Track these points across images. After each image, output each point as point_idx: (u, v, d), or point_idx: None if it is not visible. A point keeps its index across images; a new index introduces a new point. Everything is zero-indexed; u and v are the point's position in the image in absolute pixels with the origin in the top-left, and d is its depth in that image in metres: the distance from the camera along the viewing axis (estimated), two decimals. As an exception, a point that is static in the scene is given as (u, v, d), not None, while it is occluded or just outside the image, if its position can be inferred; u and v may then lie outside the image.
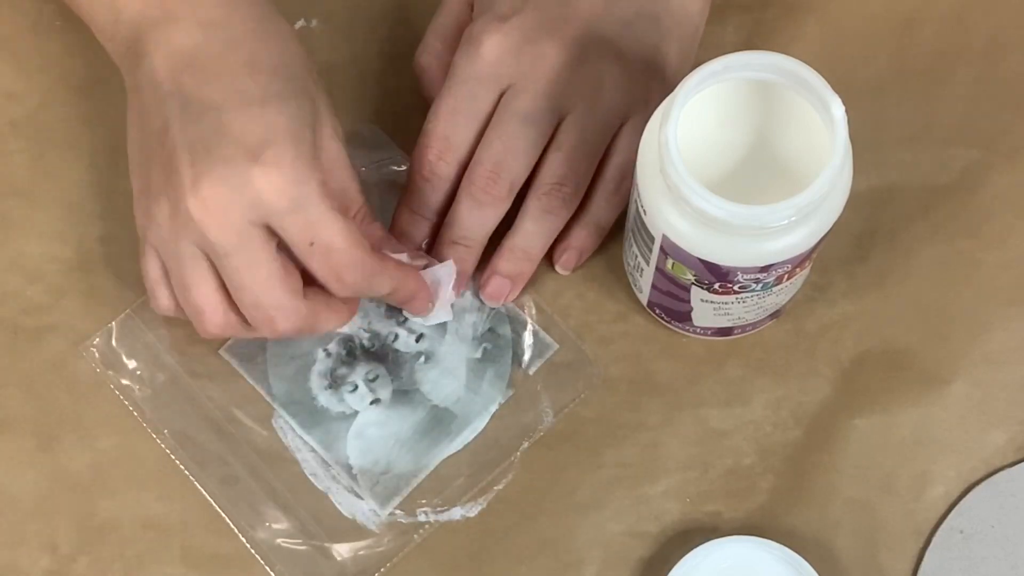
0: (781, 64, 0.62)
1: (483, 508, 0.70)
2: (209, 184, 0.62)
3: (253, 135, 0.63)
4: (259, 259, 0.63)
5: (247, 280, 0.64)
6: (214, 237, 0.63)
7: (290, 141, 0.63)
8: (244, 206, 0.62)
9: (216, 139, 0.63)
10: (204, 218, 0.62)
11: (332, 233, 0.63)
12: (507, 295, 0.73)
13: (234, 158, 0.62)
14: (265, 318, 0.65)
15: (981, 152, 0.76)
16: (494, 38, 0.69)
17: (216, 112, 0.63)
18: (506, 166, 0.69)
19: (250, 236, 0.63)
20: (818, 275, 0.73)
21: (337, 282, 0.65)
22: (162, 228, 0.64)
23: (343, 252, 0.64)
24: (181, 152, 0.63)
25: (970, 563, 0.69)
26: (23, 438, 0.71)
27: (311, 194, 0.63)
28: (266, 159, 0.62)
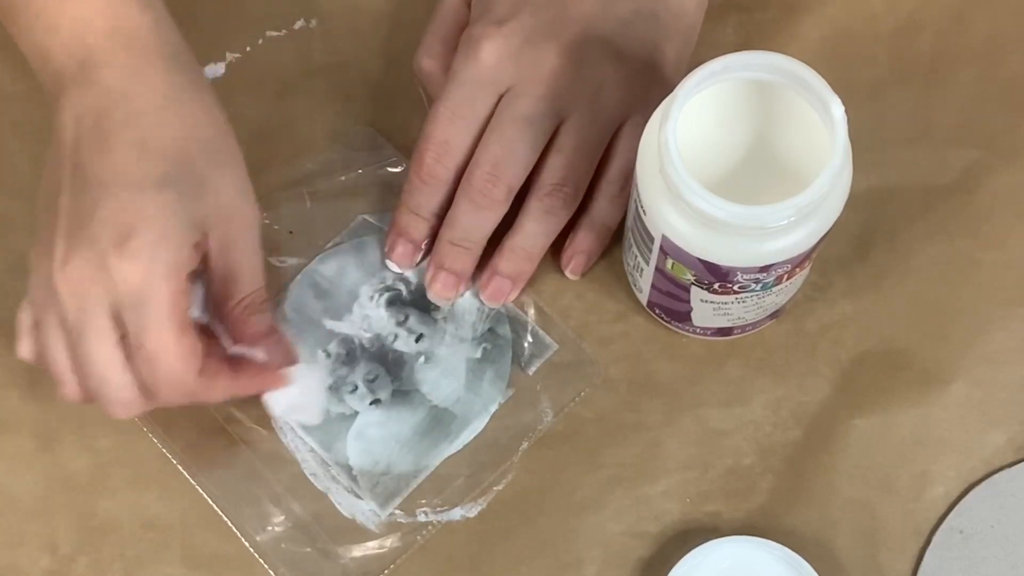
0: (781, 64, 0.62)
1: (483, 508, 0.70)
2: (74, 264, 0.62)
3: (122, 221, 0.62)
4: (101, 349, 0.63)
5: (88, 367, 0.63)
6: (69, 316, 0.63)
7: (154, 235, 0.62)
8: (98, 294, 0.62)
9: (90, 218, 0.62)
10: (64, 295, 0.62)
11: (158, 346, 0.62)
12: (508, 295, 0.73)
13: (99, 242, 0.62)
14: (105, 406, 0.65)
15: (981, 152, 0.76)
16: (493, 42, 0.69)
17: (98, 189, 0.62)
18: (504, 169, 0.69)
19: (97, 324, 0.62)
20: (818, 275, 0.73)
21: (151, 392, 0.64)
22: (37, 288, 0.64)
23: (164, 369, 0.63)
24: (63, 221, 0.63)
25: (970, 563, 0.69)
26: (23, 438, 0.71)
27: (155, 299, 0.62)
28: (125, 249, 0.61)
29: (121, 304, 0.62)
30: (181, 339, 0.63)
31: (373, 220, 0.74)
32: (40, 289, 0.64)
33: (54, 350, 0.64)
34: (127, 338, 0.63)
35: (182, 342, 0.63)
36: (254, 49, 0.78)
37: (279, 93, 0.77)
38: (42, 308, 0.64)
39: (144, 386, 0.64)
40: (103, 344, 0.63)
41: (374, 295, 0.73)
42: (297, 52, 0.78)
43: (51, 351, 0.64)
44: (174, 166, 0.63)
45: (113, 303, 0.62)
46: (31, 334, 0.66)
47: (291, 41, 0.78)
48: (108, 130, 0.63)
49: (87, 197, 0.62)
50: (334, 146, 0.76)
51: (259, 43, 0.78)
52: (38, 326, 0.65)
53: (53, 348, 0.64)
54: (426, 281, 0.73)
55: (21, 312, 0.66)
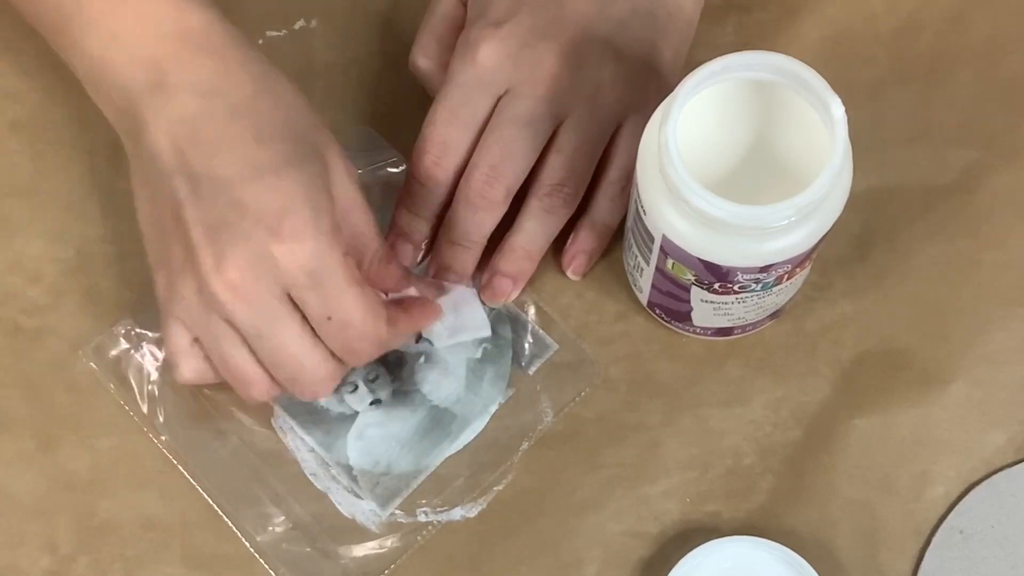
0: (781, 64, 0.62)
1: (483, 508, 0.70)
2: (232, 265, 0.61)
3: (270, 208, 0.61)
4: (289, 336, 0.63)
5: (280, 358, 0.64)
6: (243, 317, 0.62)
7: (308, 210, 0.62)
8: (269, 284, 0.62)
9: (233, 216, 0.61)
10: (231, 299, 0.62)
11: (349, 308, 0.63)
12: (508, 294, 0.73)
13: (254, 234, 0.61)
14: (304, 390, 0.65)
15: (981, 152, 0.76)
16: (490, 44, 0.69)
17: (228, 187, 0.62)
18: (503, 170, 0.69)
19: (277, 314, 0.62)
20: (818, 275, 0.73)
21: (350, 355, 0.65)
22: (190, 305, 0.63)
23: (358, 327, 0.63)
24: (199, 231, 0.62)
25: (970, 563, 0.69)
26: (23, 438, 0.71)
27: (330, 269, 0.62)
28: (285, 233, 0.61)
29: (296, 286, 0.62)
30: (366, 296, 0.63)
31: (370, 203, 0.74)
32: (190, 306, 0.63)
33: (233, 355, 0.64)
34: (307, 318, 0.63)
35: (368, 299, 0.63)
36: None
37: (279, 93, 0.77)
38: (202, 323, 0.63)
39: (338, 354, 0.64)
40: (290, 329, 0.63)
41: (374, 295, 0.73)
42: (297, 52, 0.78)
43: (230, 357, 0.64)
44: (294, 144, 0.63)
45: (285, 287, 0.62)
46: (192, 351, 0.65)
47: (291, 41, 0.78)
48: (213, 130, 0.63)
49: (219, 199, 0.62)
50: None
51: (259, 43, 0.78)
52: (204, 342, 0.64)
53: (231, 353, 0.64)
54: (426, 281, 0.73)
55: (172, 333, 0.65)
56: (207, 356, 0.65)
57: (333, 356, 0.65)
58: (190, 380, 0.66)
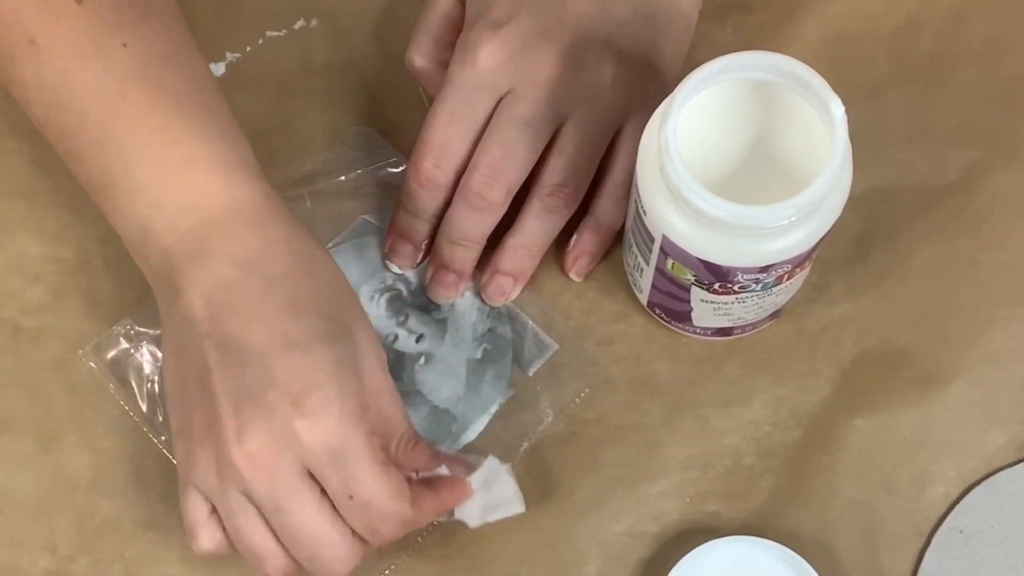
0: (781, 64, 0.62)
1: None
2: (254, 436, 0.61)
3: (297, 382, 0.61)
4: (308, 513, 0.62)
5: (298, 535, 0.62)
6: (261, 491, 0.61)
7: (335, 388, 0.61)
8: (289, 459, 0.61)
9: (259, 387, 0.61)
10: (250, 471, 0.61)
11: (371, 489, 0.62)
12: (509, 293, 0.73)
13: (278, 408, 0.60)
14: (322, 569, 0.63)
15: (981, 152, 0.76)
16: (490, 45, 0.69)
17: (258, 358, 0.61)
18: (503, 171, 0.69)
19: (295, 490, 0.61)
20: (818, 275, 0.73)
21: (374, 535, 0.63)
22: (209, 475, 0.62)
23: (381, 508, 0.62)
24: (223, 400, 0.61)
25: (970, 563, 0.69)
26: (23, 439, 0.71)
27: (354, 448, 0.61)
28: (310, 409, 0.60)
29: (317, 464, 0.61)
30: (389, 476, 0.62)
31: (373, 220, 0.74)
32: (209, 476, 0.62)
33: (250, 529, 0.62)
34: (327, 494, 0.62)
35: (391, 479, 0.62)
36: (254, 49, 0.78)
37: (279, 93, 0.77)
38: (219, 493, 0.62)
39: (360, 533, 0.63)
40: (309, 507, 0.62)
41: (374, 295, 0.73)
42: (297, 52, 0.78)
43: (247, 532, 0.62)
44: (327, 321, 0.62)
45: (306, 463, 0.61)
46: (210, 522, 0.63)
47: (291, 41, 0.78)
48: (250, 300, 0.62)
49: (247, 370, 0.61)
50: (334, 146, 0.76)
51: (259, 43, 0.78)
52: (221, 513, 0.63)
53: (248, 528, 0.62)
54: (426, 280, 0.73)
55: (190, 503, 0.63)
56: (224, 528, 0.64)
57: (354, 534, 0.63)
58: (208, 551, 0.64)
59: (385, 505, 0.62)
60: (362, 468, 0.62)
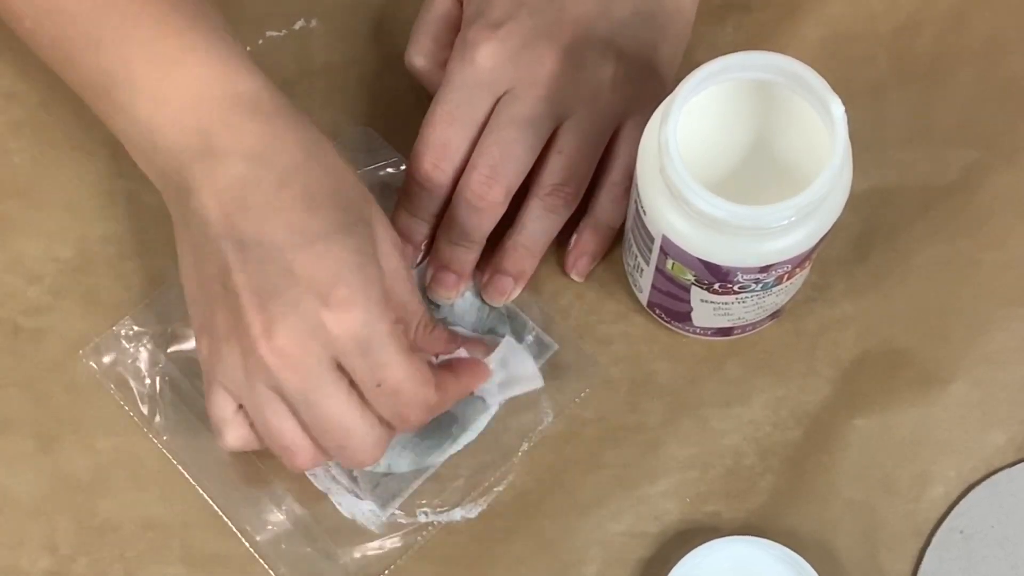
0: (781, 64, 0.62)
1: (483, 509, 0.70)
2: (282, 331, 0.61)
3: (321, 275, 0.61)
4: (337, 403, 0.62)
5: (327, 426, 0.63)
6: (291, 385, 0.61)
7: (359, 277, 0.61)
8: (317, 351, 0.61)
9: (283, 282, 0.61)
10: (279, 366, 0.61)
11: (399, 376, 0.62)
12: (510, 293, 0.73)
13: (304, 301, 0.61)
14: (352, 458, 0.64)
15: (981, 152, 0.76)
16: (489, 45, 0.69)
17: (279, 253, 0.61)
18: (502, 171, 0.69)
19: (325, 382, 0.62)
20: (818, 275, 0.73)
21: (402, 422, 0.64)
22: (236, 371, 0.62)
23: (408, 394, 0.63)
24: (247, 296, 0.61)
25: (970, 563, 0.69)
26: (23, 439, 0.71)
27: (381, 335, 0.62)
28: (336, 300, 0.61)
29: (346, 354, 0.61)
30: (415, 363, 0.63)
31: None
32: (236, 372, 0.62)
33: (279, 423, 0.63)
34: (355, 384, 0.62)
35: (417, 365, 0.63)
36: (254, 49, 0.78)
37: (279, 93, 0.77)
38: (248, 390, 0.62)
39: (387, 420, 0.64)
40: (338, 397, 0.62)
41: (374, 295, 0.73)
42: (297, 52, 0.78)
43: (275, 426, 0.63)
44: (344, 212, 0.62)
45: (334, 356, 0.61)
46: (237, 418, 0.64)
47: (291, 41, 0.78)
48: (263, 195, 0.62)
49: (269, 266, 0.61)
50: (334, 146, 0.76)
51: (259, 43, 0.78)
52: (249, 409, 0.63)
53: (278, 422, 0.63)
54: (426, 281, 0.73)
55: (216, 400, 0.64)
56: (252, 423, 0.64)
57: (381, 422, 0.64)
58: (235, 448, 0.65)
59: (412, 390, 0.63)
60: (389, 355, 0.62)
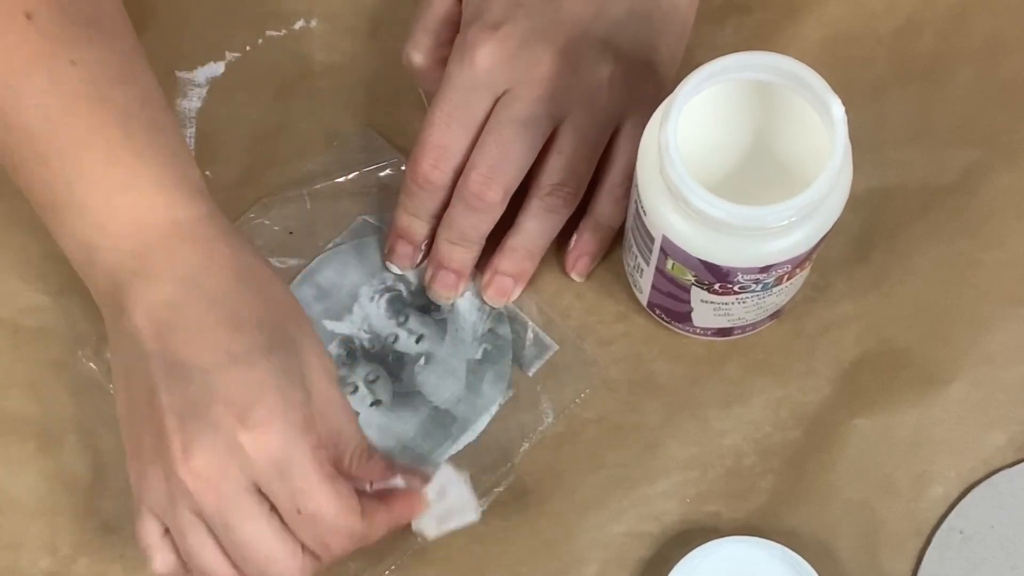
0: (781, 65, 0.62)
1: (483, 509, 0.70)
2: (199, 452, 0.60)
3: (241, 396, 0.61)
4: (256, 528, 0.61)
5: (247, 552, 0.62)
6: (209, 507, 0.61)
7: (279, 400, 0.61)
8: (236, 474, 0.61)
9: (203, 403, 0.61)
10: (197, 488, 0.61)
11: (319, 502, 0.61)
12: (510, 294, 0.73)
13: (222, 423, 0.60)
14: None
15: (981, 152, 0.76)
16: (488, 46, 0.69)
17: (202, 373, 0.61)
18: (501, 171, 0.69)
19: (243, 505, 0.61)
20: (818, 275, 0.73)
21: (324, 550, 0.63)
22: (160, 494, 0.62)
23: (330, 522, 0.62)
24: (169, 418, 0.61)
25: (970, 563, 0.69)
26: (24, 439, 0.71)
27: (299, 460, 0.61)
28: (254, 421, 0.60)
29: (263, 477, 0.61)
30: (337, 490, 0.62)
31: (373, 221, 0.74)
32: (160, 495, 0.62)
33: (201, 549, 0.62)
34: (275, 509, 0.62)
35: (339, 492, 0.62)
36: (254, 49, 0.78)
37: (278, 93, 0.77)
38: (170, 512, 0.62)
39: (310, 548, 0.63)
40: (257, 522, 0.61)
41: (374, 296, 0.73)
42: (297, 52, 0.78)
43: (198, 551, 0.62)
44: (270, 335, 0.62)
45: (252, 479, 0.61)
46: (164, 544, 0.63)
47: (291, 41, 0.78)
48: (193, 317, 0.62)
49: (192, 387, 0.61)
50: (334, 147, 0.76)
51: (259, 43, 0.78)
52: (173, 532, 0.63)
53: (199, 547, 0.62)
54: (426, 281, 0.73)
55: (143, 526, 0.63)
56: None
57: (305, 550, 0.63)
58: (165, 573, 0.64)
59: (334, 519, 0.62)
60: (309, 481, 0.61)
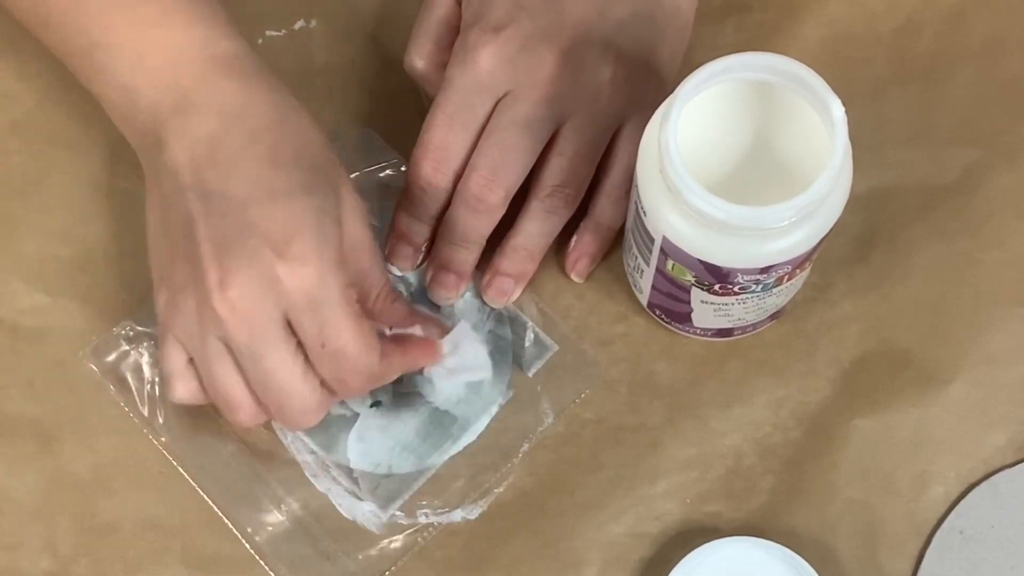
0: (781, 65, 0.62)
1: (484, 510, 0.70)
2: (236, 283, 0.61)
3: (279, 230, 0.62)
4: (281, 361, 0.63)
5: (269, 383, 0.63)
6: (240, 338, 0.62)
7: (315, 236, 0.62)
8: (268, 306, 0.62)
9: (242, 235, 0.61)
10: (230, 318, 0.62)
11: (344, 338, 0.63)
12: (510, 294, 0.73)
13: (260, 254, 0.61)
14: (289, 419, 0.65)
15: (981, 152, 0.76)
16: (490, 48, 0.69)
17: (241, 207, 0.62)
18: (502, 173, 0.69)
19: (273, 338, 0.62)
20: (818, 276, 0.73)
21: (342, 387, 0.64)
22: (189, 323, 0.63)
23: (351, 358, 0.63)
24: (206, 248, 0.62)
25: (970, 563, 0.69)
26: (24, 439, 0.71)
27: (331, 296, 0.62)
28: (291, 255, 0.61)
29: (295, 309, 0.62)
30: (362, 328, 0.63)
31: (373, 222, 0.74)
32: (189, 324, 0.63)
33: (225, 376, 0.63)
34: (302, 344, 0.63)
35: (364, 331, 0.63)
36: (254, 49, 0.77)
37: (279, 93, 0.77)
38: (199, 341, 0.63)
39: (328, 385, 0.64)
40: (284, 356, 0.63)
41: (374, 296, 0.73)
42: (297, 52, 0.78)
43: (221, 379, 0.64)
44: (309, 173, 0.63)
45: (285, 311, 0.62)
46: (187, 371, 0.65)
47: (291, 41, 0.78)
48: (232, 151, 0.63)
49: (231, 218, 0.62)
50: (334, 147, 0.76)
51: (259, 43, 0.78)
52: (198, 361, 0.64)
53: (224, 375, 0.63)
54: (426, 282, 0.73)
55: (168, 352, 0.65)
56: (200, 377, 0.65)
57: (322, 387, 0.64)
58: (183, 400, 0.66)
59: (355, 355, 0.63)
60: (337, 316, 0.62)
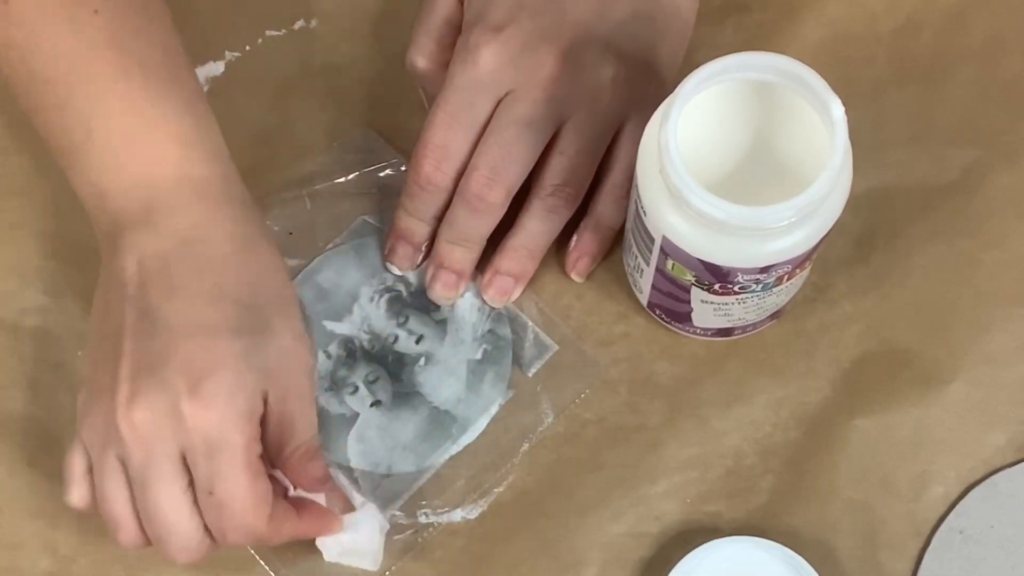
0: (781, 65, 0.62)
1: (484, 510, 0.70)
2: (142, 406, 0.61)
3: (196, 367, 0.61)
4: (169, 496, 0.62)
5: (154, 514, 0.62)
6: (135, 460, 0.62)
7: (230, 380, 0.61)
8: (168, 436, 0.61)
9: (161, 361, 0.61)
10: (130, 438, 0.61)
11: (232, 493, 0.62)
12: (511, 294, 0.73)
13: (172, 385, 0.61)
14: (168, 552, 0.63)
15: (981, 152, 0.76)
16: (491, 47, 0.69)
17: (168, 333, 0.62)
18: (503, 172, 0.69)
19: (165, 469, 0.61)
20: (818, 276, 0.73)
21: (220, 535, 0.63)
22: (95, 431, 0.63)
23: (235, 514, 0.62)
24: (127, 363, 0.62)
25: (970, 563, 0.69)
26: (24, 439, 0.71)
27: (230, 445, 0.61)
28: (200, 394, 0.61)
29: (192, 449, 0.61)
30: (255, 486, 0.62)
31: (373, 221, 0.74)
32: (95, 432, 0.63)
33: (115, 495, 0.63)
34: (194, 484, 0.62)
35: (256, 489, 0.62)
36: (253, 49, 0.78)
37: (278, 93, 0.77)
38: (99, 451, 0.63)
39: (210, 531, 0.63)
40: (172, 491, 0.62)
41: (374, 296, 0.73)
42: (297, 52, 0.78)
43: (111, 496, 0.63)
44: (246, 313, 0.63)
45: (182, 448, 0.61)
46: (84, 480, 0.64)
47: (291, 41, 0.78)
48: (179, 276, 0.63)
49: (156, 342, 0.62)
50: (334, 147, 0.76)
51: (259, 43, 0.78)
52: (95, 471, 0.63)
53: (113, 493, 0.63)
54: (426, 281, 0.73)
55: (72, 457, 0.64)
56: None
57: (206, 531, 0.63)
58: (75, 507, 0.65)
59: (241, 511, 0.62)
60: (231, 468, 0.62)
